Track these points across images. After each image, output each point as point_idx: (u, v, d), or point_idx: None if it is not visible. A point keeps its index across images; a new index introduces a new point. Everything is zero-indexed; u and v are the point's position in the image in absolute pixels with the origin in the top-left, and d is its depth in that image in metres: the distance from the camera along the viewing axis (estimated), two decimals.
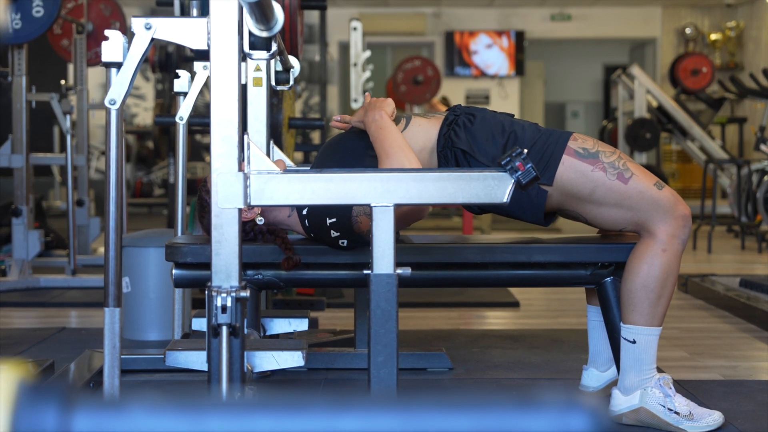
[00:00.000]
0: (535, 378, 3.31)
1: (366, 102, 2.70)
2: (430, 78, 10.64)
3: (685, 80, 10.35)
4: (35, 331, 4.20)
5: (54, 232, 6.88)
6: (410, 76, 10.61)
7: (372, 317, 2.06)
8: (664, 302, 2.62)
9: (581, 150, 2.63)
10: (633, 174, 2.62)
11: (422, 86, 10.60)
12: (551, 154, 2.62)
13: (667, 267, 2.60)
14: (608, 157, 2.63)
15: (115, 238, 2.16)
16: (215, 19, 1.95)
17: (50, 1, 5.12)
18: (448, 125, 2.69)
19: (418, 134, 2.70)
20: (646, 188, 2.61)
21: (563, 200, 2.66)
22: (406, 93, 10.57)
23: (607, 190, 2.61)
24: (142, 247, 3.82)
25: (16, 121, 5.45)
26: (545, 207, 2.66)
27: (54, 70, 9.54)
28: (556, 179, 2.62)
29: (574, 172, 2.61)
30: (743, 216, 7.96)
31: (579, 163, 2.62)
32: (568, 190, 2.63)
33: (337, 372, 3.35)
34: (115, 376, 2.15)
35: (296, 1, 3.60)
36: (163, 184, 12.10)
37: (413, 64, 10.71)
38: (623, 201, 2.61)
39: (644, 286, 2.60)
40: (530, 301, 5.02)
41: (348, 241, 2.66)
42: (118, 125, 2.14)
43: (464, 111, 2.73)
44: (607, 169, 2.61)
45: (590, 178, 2.61)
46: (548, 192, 2.63)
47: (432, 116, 2.76)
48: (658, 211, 2.60)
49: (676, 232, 2.61)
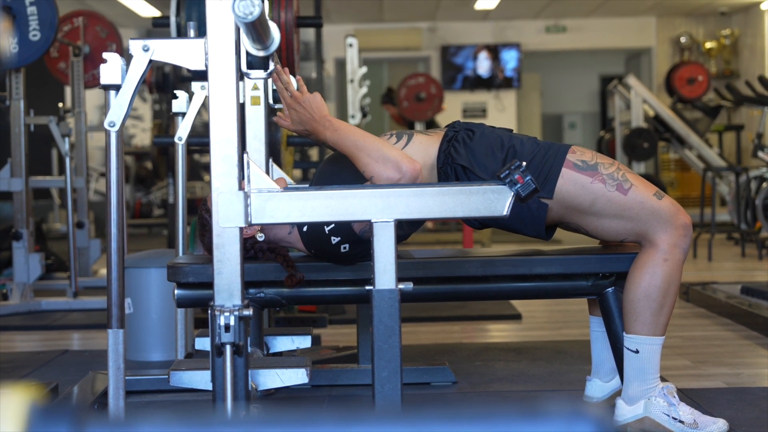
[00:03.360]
0: (539, 390, 3.31)
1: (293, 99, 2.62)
2: (432, 96, 10.72)
3: (681, 89, 10.36)
4: (38, 354, 4.20)
5: (54, 254, 6.88)
6: (413, 93, 10.69)
7: (375, 333, 2.07)
8: (667, 311, 2.63)
9: (580, 162, 2.64)
10: (632, 185, 2.63)
11: (425, 103, 10.68)
12: (550, 167, 2.63)
13: (669, 276, 2.61)
14: (607, 169, 2.64)
15: (117, 259, 2.16)
16: (212, 39, 1.96)
17: (47, 24, 5.14)
18: (448, 141, 2.71)
19: (419, 151, 2.71)
20: (645, 198, 2.62)
21: (564, 213, 2.67)
22: (409, 109, 10.66)
23: (607, 202, 2.62)
24: (144, 267, 3.83)
25: (15, 144, 5.46)
26: (546, 220, 2.68)
27: (51, 93, 9.56)
28: (555, 192, 2.63)
29: (573, 185, 2.63)
30: (743, 223, 7.96)
31: (578, 175, 2.63)
32: (568, 203, 2.64)
33: (341, 388, 3.34)
34: (120, 398, 2.15)
35: (292, 19, 3.62)
36: (163, 205, 12.10)
37: (417, 81, 10.79)
38: (623, 212, 2.62)
39: (646, 295, 2.61)
40: (532, 313, 5.02)
41: (350, 245, 2.66)
42: (118, 147, 2.15)
43: (463, 127, 2.74)
44: (606, 181, 2.62)
45: (590, 190, 2.62)
46: (548, 205, 2.64)
47: (433, 133, 2.77)
48: (658, 221, 2.61)
49: (677, 241, 2.61)
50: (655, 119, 9.80)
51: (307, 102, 2.62)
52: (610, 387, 2.87)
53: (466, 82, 14.17)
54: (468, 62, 14.12)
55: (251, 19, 1.87)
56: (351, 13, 13.28)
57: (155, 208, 12.22)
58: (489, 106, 14.26)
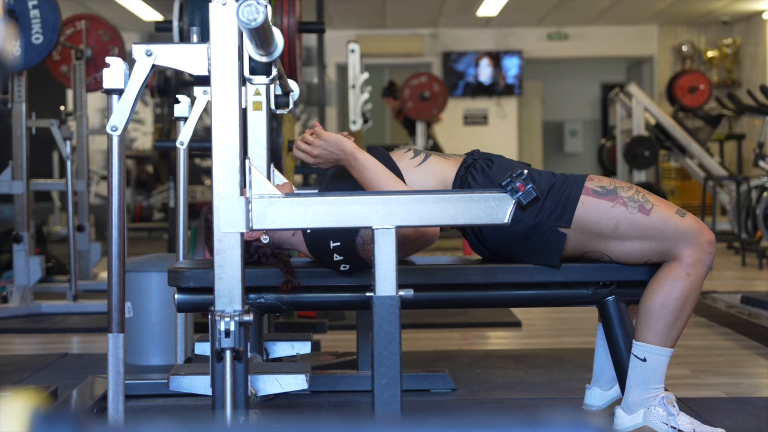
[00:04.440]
0: (538, 398, 3.31)
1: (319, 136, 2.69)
2: (436, 94, 10.73)
3: (683, 98, 10.37)
4: (37, 357, 4.20)
5: (55, 257, 6.88)
6: (417, 93, 10.71)
7: (375, 339, 2.07)
8: (680, 325, 2.64)
9: (599, 188, 2.66)
10: (654, 205, 2.64)
11: (429, 102, 10.70)
12: (569, 195, 2.65)
13: (689, 291, 2.62)
14: (626, 192, 2.66)
15: (118, 264, 2.16)
16: (216, 45, 1.96)
17: (49, 27, 5.14)
18: (465, 168, 2.74)
19: (434, 171, 2.74)
20: (669, 217, 2.63)
21: (586, 241, 2.68)
22: (413, 109, 10.67)
23: (630, 224, 2.63)
24: (144, 271, 3.83)
25: (16, 147, 5.47)
26: (566, 250, 2.69)
27: (53, 96, 9.57)
28: (577, 220, 2.64)
29: (595, 211, 2.64)
30: (743, 232, 7.96)
31: (598, 201, 2.64)
32: (590, 229, 2.65)
33: (340, 394, 3.34)
34: (120, 402, 2.15)
35: (295, 25, 3.62)
36: (163, 208, 12.11)
37: (420, 80, 10.82)
38: (647, 232, 2.63)
39: (663, 306, 2.61)
40: (532, 321, 5.01)
41: (350, 266, 2.68)
42: (120, 152, 2.15)
43: (482, 156, 2.78)
44: (628, 203, 2.63)
45: (612, 214, 2.63)
46: (567, 235, 2.66)
47: (451, 157, 2.80)
48: (683, 239, 2.62)
49: (702, 258, 2.63)
50: (656, 127, 9.80)
51: (331, 143, 2.65)
52: (609, 396, 2.87)
53: (467, 89, 14.18)
54: (469, 69, 14.13)
55: (255, 25, 1.87)
56: (353, 18, 13.30)
57: (156, 211, 12.23)
58: (490, 112, 14.26)
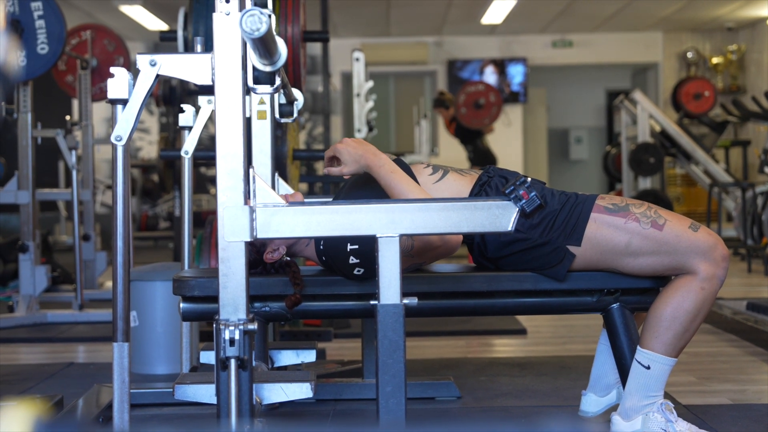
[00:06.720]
0: (543, 405, 3.31)
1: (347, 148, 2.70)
2: (491, 104, 10.79)
3: (688, 104, 10.36)
4: (43, 366, 4.21)
5: (60, 267, 6.89)
6: (472, 100, 10.76)
7: (380, 347, 2.07)
8: (688, 337, 2.64)
9: (611, 206, 2.67)
10: (666, 220, 2.64)
11: (483, 110, 10.74)
12: (579, 214, 2.66)
13: (701, 304, 2.61)
14: (638, 208, 2.66)
15: (123, 273, 2.17)
16: (219, 55, 1.97)
17: (55, 37, 5.16)
18: (480, 185, 2.75)
19: (451, 187, 2.76)
20: (682, 231, 2.63)
21: (599, 259, 2.68)
22: (466, 115, 10.73)
23: (643, 239, 2.63)
24: (149, 281, 3.84)
25: (22, 157, 5.48)
26: (578, 267, 2.71)
27: (59, 105, 9.59)
28: (590, 238, 2.65)
29: (607, 227, 2.64)
30: (749, 239, 7.95)
31: (610, 218, 2.65)
32: (603, 247, 2.65)
33: (345, 403, 3.34)
34: (125, 411, 2.15)
35: (299, 33, 3.63)
36: (169, 217, 12.12)
37: (476, 88, 10.90)
38: (661, 247, 2.62)
39: (673, 316, 2.61)
40: (537, 329, 5.01)
41: (365, 270, 2.67)
42: (125, 161, 2.16)
43: (497, 173, 2.79)
44: (640, 219, 2.64)
45: (624, 230, 2.64)
46: (576, 255, 2.66)
47: (467, 174, 2.82)
48: (697, 253, 2.61)
49: (717, 272, 2.62)
50: (662, 134, 9.80)
51: (354, 141, 2.68)
52: (605, 402, 2.86)
53: None
54: (474, 76, 14.14)
55: (258, 35, 1.88)
56: (358, 27, 13.32)
57: (161, 220, 12.25)
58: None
